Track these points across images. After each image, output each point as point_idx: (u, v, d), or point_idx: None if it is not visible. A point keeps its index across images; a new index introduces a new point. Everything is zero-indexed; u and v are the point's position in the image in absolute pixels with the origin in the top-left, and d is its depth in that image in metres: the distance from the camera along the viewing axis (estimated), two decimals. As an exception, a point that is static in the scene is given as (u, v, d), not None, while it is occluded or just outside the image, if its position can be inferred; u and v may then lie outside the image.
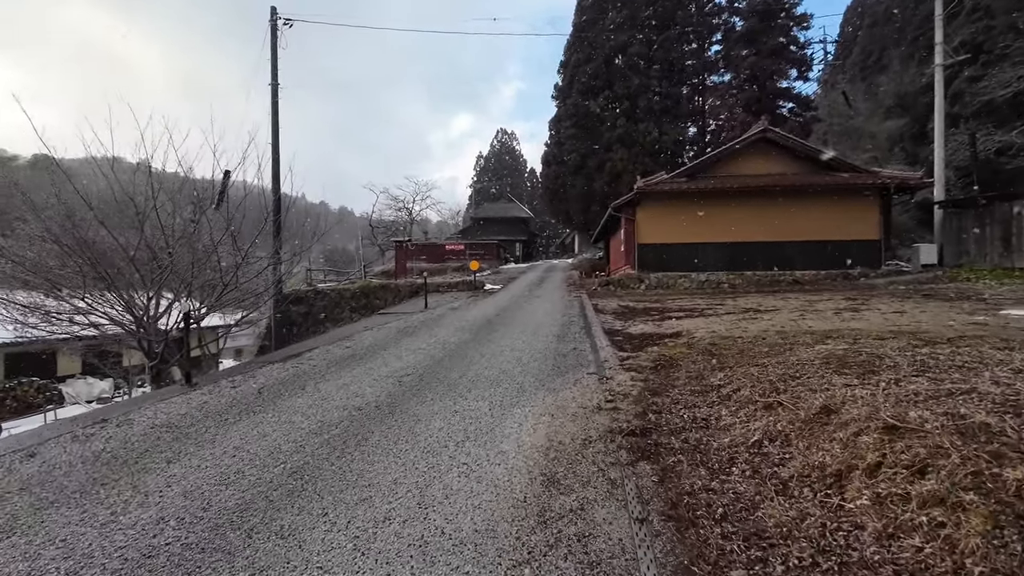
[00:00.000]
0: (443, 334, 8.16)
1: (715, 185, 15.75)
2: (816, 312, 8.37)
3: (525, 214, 53.94)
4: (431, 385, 4.98)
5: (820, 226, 15.75)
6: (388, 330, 8.87)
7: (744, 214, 15.93)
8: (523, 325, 8.77)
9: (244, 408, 4.48)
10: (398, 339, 7.87)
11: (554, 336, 7.52)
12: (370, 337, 8.18)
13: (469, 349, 6.79)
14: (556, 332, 7.88)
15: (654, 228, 16.24)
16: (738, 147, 16.36)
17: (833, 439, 2.63)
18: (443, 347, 7.02)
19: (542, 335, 7.65)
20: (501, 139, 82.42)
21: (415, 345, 7.31)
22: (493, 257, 37.47)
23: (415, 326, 9.25)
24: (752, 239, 15.99)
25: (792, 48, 26.61)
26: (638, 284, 15.63)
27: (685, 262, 16.09)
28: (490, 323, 9.20)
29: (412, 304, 13.78)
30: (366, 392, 4.82)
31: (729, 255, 16.03)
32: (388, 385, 5.06)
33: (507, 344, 7.00)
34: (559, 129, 31.14)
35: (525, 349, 6.58)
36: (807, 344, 5.06)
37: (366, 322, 10.79)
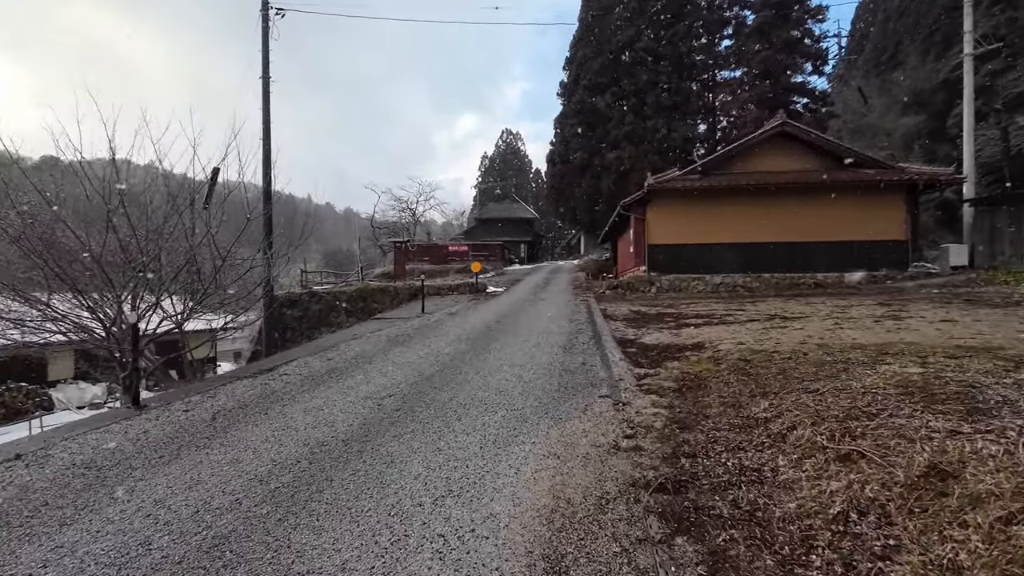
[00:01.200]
0: (437, 344, 7.40)
1: (730, 182, 14.89)
2: (852, 320, 7.52)
3: (530, 215, 53.21)
4: (415, 411, 4.22)
5: (843, 226, 14.83)
6: (378, 339, 8.13)
7: (761, 213, 15.04)
8: (526, 333, 7.99)
9: (187, 441, 3.74)
10: (387, 350, 7.11)
11: (560, 347, 6.73)
12: (357, 347, 7.43)
13: (464, 363, 6.02)
14: (562, 342, 7.09)
15: (666, 228, 15.40)
16: (755, 142, 15.48)
17: (964, 523, 1.83)
18: (435, 360, 6.26)
19: (547, 346, 6.87)
20: (506, 139, 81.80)
21: (404, 357, 6.55)
22: (497, 258, 36.74)
23: (408, 334, 8.50)
24: (770, 239, 15.10)
25: (807, 41, 25.63)
26: (649, 287, 14.79)
27: (698, 264, 15.23)
28: (490, 331, 8.43)
29: (409, 308, 13.06)
30: (337, 420, 4.07)
31: (745, 256, 15.15)
32: (364, 410, 4.30)
33: (507, 357, 6.22)
34: (564, 127, 30.34)
35: (527, 363, 5.80)
36: (863, 363, 4.24)
37: (356, 329, 10.07)
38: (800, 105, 26.05)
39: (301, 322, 15.93)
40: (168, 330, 10.39)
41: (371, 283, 17.56)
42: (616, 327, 8.66)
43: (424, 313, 11.51)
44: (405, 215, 49.46)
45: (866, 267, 14.60)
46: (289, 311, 15.93)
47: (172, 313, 10.31)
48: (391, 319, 10.99)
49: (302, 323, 15.92)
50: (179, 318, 10.39)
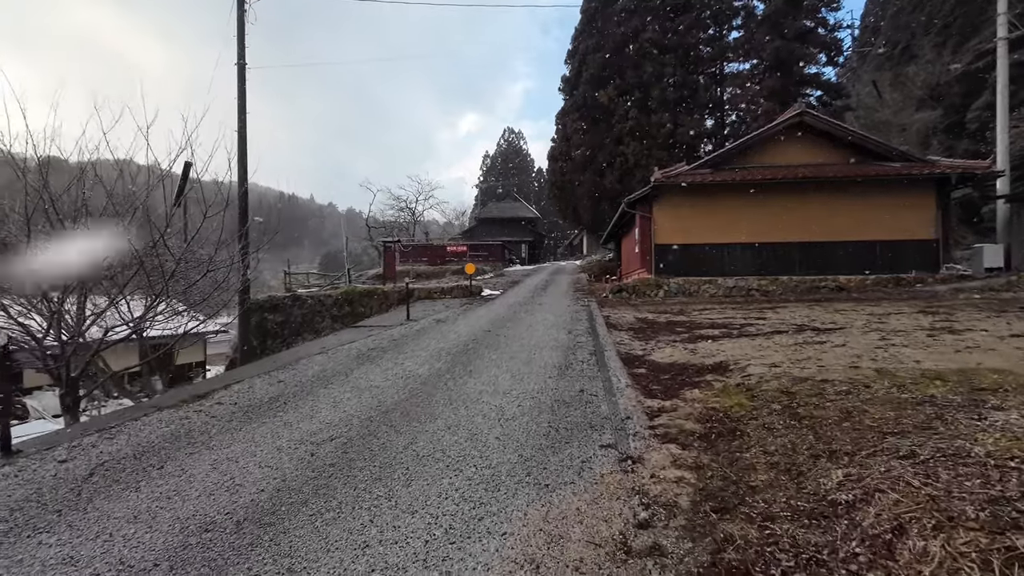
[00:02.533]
0: (413, 361, 6.34)
1: (744, 177, 13.77)
2: (900, 334, 6.40)
3: (532, 214, 52.16)
4: (353, 468, 3.15)
5: (867, 224, 13.70)
6: (347, 353, 7.07)
7: (778, 210, 13.92)
8: (517, 347, 6.92)
9: (29, 518, 2.69)
10: (351, 369, 6.05)
11: (554, 367, 5.65)
12: (318, 364, 6.38)
13: (437, 389, 4.95)
14: (557, 360, 6.02)
15: (674, 226, 14.30)
16: (770, 133, 14.36)
17: None
18: (404, 384, 5.19)
19: (539, 365, 5.79)
20: (508, 138, 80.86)
21: (369, 379, 5.49)
22: (497, 259, 35.71)
23: (383, 347, 7.44)
24: (787, 239, 13.98)
25: (820, 31, 24.45)
26: (656, 291, 13.70)
27: (709, 265, 14.13)
28: (476, 344, 7.36)
29: (395, 314, 12.01)
30: (247, 482, 3.01)
31: (760, 257, 14.03)
32: (290, 464, 3.24)
33: (489, 381, 5.15)
34: (566, 122, 29.26)
35: (512, 391, 4.73)
36: (960, 407, 3.14)
37: (326, 340, 9.01)
38: (814, 98, 24.87)
39: (283, 328, 14.92)
40: (124, 337, 9.45)
41: (358, 286, 16.54)
42: (621, 339, 7.58)
43: (409, 320, 10.45)
44: (404, 215, 48.56)
45: (892, 269, 13.46)
46: (270, 316, 14.93)
47: (128, 319, 9.36)
48: (370, 327, 9.94)
49: (284, 329, 14.91)
50: (136, 324, 9.43)
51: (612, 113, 26.21)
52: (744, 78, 26.66)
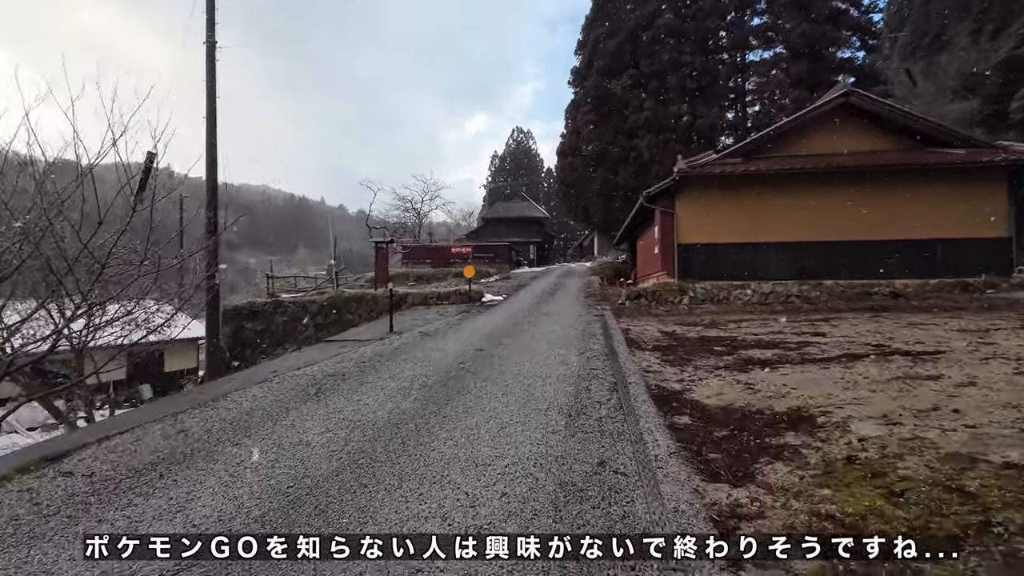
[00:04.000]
0: (372, 398, 4.78)
1: (781, 167, 12.04)
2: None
3: (540, 214, 50.57)
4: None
5: (925, 220, 11.88)
6: (295, 382, 5.54)
7: (820, 205, 12.16)
8: (513, 376, 5.34)
9: None
10: (286, 410, 4.51)
11: (561, 412, 4.06)
12: (249, 401, 4.85)
13: (389, 453, 3.38)
14: (566, 399, 4.42)
15: (699, 223, 12.60)
16: (810, 118, 12.60)
17: None
18: (344, 443, 3.63)
19: (539, 407, 4.21)
20: (517, 138, 79.39)
21: (301, 431, 3.94)
22: (504, 260, 34.18)
23: (345, 373, 5.90)
24: (831, 237, 12.21)
25: (853, 12, 22.53)
26: (679, 297, 12.02)
27: (740, 268, 12.40)
28: (462, 370, 5.79)
29: (381, 323, 10.49)
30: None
31: (800, 259, 12.28)
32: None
33: (467, 436, 3.58)
34: (577, 116, 27.63)
35: (496, 462, 3.14)
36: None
37: (282, 361, 7.48)
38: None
39: (263, 337, 13.51)
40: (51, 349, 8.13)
41: (345, 291, 15.10)
42: (647, 363, 5.95)
43: (391, 333, 8.91)
44: (410, 215, 47.23)
45: (956, 272, 11.61)
46: (248, 324, 13.53)
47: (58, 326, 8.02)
48: (344, 342, 8.42)
49: (264, 338, 13.50)
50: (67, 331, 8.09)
51: (626, 105, 24.53)
52: (768, 65, 24.77)
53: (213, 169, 11.12)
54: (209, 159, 11.07)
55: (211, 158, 11.12)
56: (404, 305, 13.77)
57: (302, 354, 7.69)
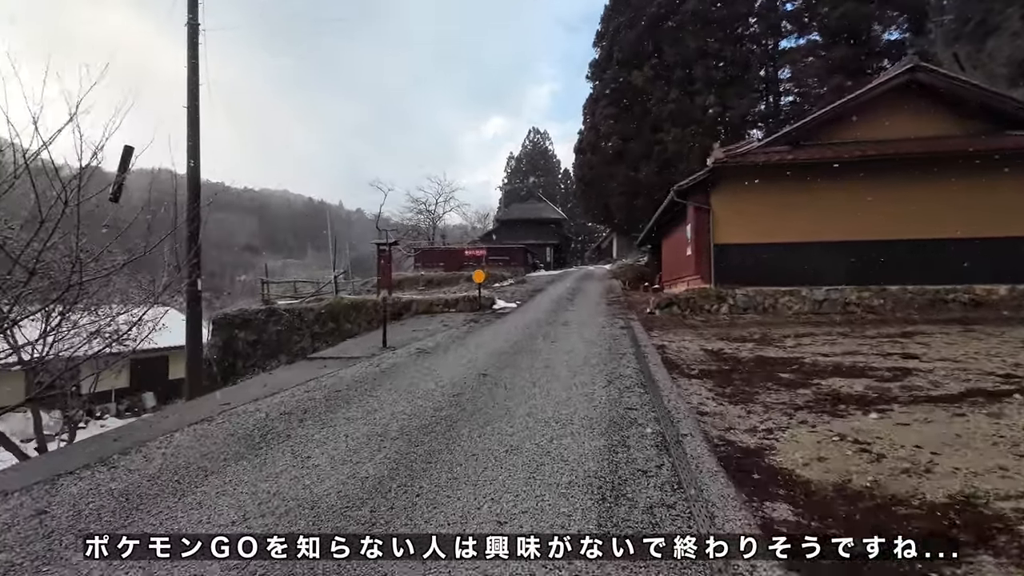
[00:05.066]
0: (326, 459, 3.50)
1: (837, 155, 10.43)
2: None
3: (557, 215, 49.15)
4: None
5: (1009, 215, 10.12)
6: (234, 427, 4.30)
7: (880, 199, 10.50)
8: (521, 424, 4.01)
9: None
10: (200, 479, 3.24)
11: (589, 493, 2.70)
12: (160, 458, 3.62)
13: (323, 574, 2.09)
14: (595, 466, 3.06)
15: (739, 220, 11.07)
16: (868, 98, 10.95)
17: None
18: (250, 553, 2.34)
19: (555, 484, 2.85)
20: (533, 139, 78.07)
21: (198, 525, 2.67)
22: (519, 263, 32.88)
23: (306, 410, 4.64)
24: (894, 236, 10.53)
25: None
26: (717, 305, 10.51)
27: (787, 271, 10.82)
28: (457, 409, 4.48)
29: (376, 336, 9.27)
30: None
31: (858, 260, 10.64)
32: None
33: (441, 553, 2.24)
34: (595, 111, 26.14)
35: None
36: None
37: (242, 388, 6.22)
38: (892, 71, 20.87)
39: (255, 347, 12.46)
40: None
41: (344, 298, 13.97)
42: (698, 398, 4.55)
43: (384, 349, 7.67)
44: (423, 217, 46.30)
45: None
46: (241, 333, 12.50)
47: None
48: (328, 359, 7.19)
49: (256, 349, 12.45)
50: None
51: (648, 97, 22.97)
52: (803, 52, 22.87)
53: (195, 154, 10.12)
54: (190, 149, 10.07)
55: (193, 145, 10.13)
56: (407, 313, 12.58)
57: (274, 376, 6.48)
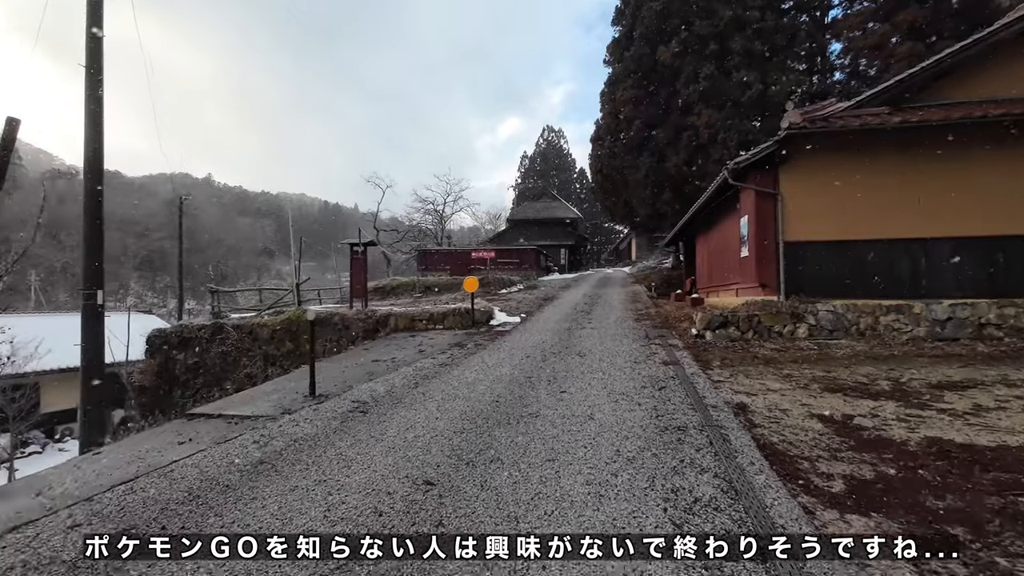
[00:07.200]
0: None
1: (961, 116, 7.52)
2: None
3: (572, 214, 46.30)
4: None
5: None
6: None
7: (1021, 184, 7.55)
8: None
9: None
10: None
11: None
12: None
13: None
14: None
15: (819, 210, 8.24)
16: (996, 40, 8.00)
17: None
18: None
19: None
20: (548, 137, 75.44)
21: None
22: (531, 266, 30.20)
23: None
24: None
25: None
26: (792, 326, 7.69)
27: (887, 279, 7.94)
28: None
29: (324, 367, 6.75)
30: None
31: (991, 263, 7.70)
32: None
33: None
34: (615, 95, 23.36)
35: None
36: None
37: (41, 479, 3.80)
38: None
39: (196, 373, 10.10)
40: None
41: (308, 310, 11.55)
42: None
43: (307, 400, 5.11)
44: (431, 218, 43.96)
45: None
46: (179, 355, 10.17)
47: None
48: (207, 418, 4.62)
49: (197, 375, 10.09)
50: None
51: (676, 74, 20.16)
52: (863, 17, 19.70)
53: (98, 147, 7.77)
54: (88, 133, 7.72)
55: (95, 132, 7.78)
56: (383, 330, 10.05)
57: (96, 462, 3.96)
